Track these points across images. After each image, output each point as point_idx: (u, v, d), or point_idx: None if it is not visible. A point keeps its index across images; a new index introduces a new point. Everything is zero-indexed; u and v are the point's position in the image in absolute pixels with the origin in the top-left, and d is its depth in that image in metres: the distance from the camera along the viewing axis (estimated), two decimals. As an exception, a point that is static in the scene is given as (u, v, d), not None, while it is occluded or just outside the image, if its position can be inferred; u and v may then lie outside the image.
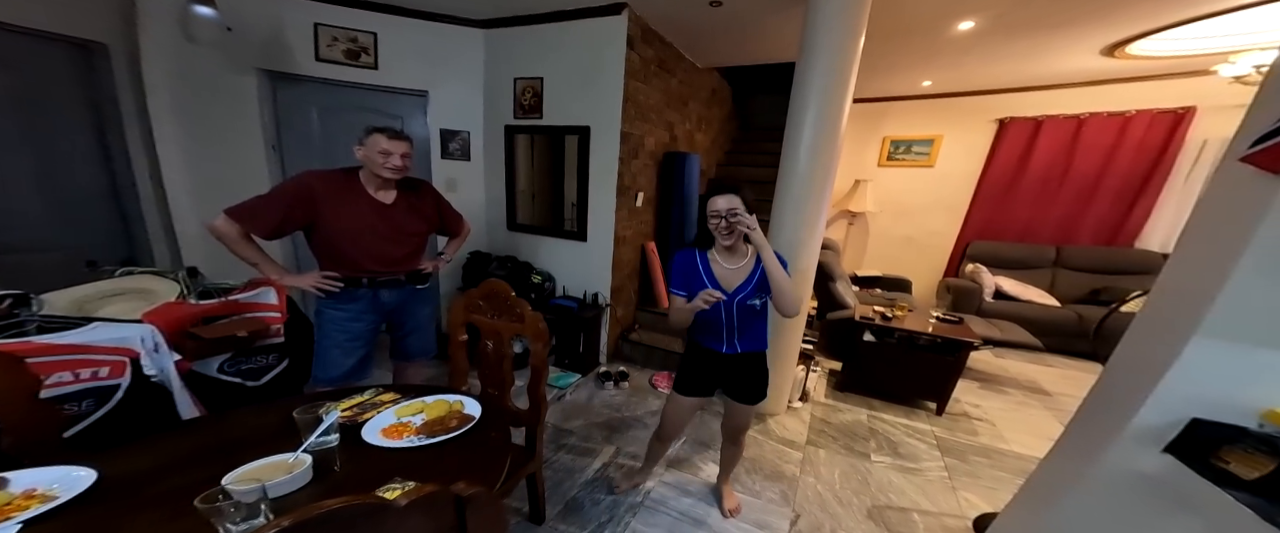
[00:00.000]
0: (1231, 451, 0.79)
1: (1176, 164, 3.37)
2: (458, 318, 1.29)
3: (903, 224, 4.40)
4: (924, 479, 1.83)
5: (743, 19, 2.44)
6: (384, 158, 1.29)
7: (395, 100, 2.60)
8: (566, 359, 2.81)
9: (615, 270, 2.82)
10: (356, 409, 1.00)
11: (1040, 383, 2.84)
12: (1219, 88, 2.87)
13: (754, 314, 1.26)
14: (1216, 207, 0.90)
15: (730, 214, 1.15)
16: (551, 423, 2.18)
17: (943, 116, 4.06)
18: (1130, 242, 3.56)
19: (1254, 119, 0.85)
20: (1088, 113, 3.53)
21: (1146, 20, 2.28)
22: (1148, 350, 0.95)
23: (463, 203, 2.89)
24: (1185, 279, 0.92)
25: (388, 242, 1.40)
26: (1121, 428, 0.93)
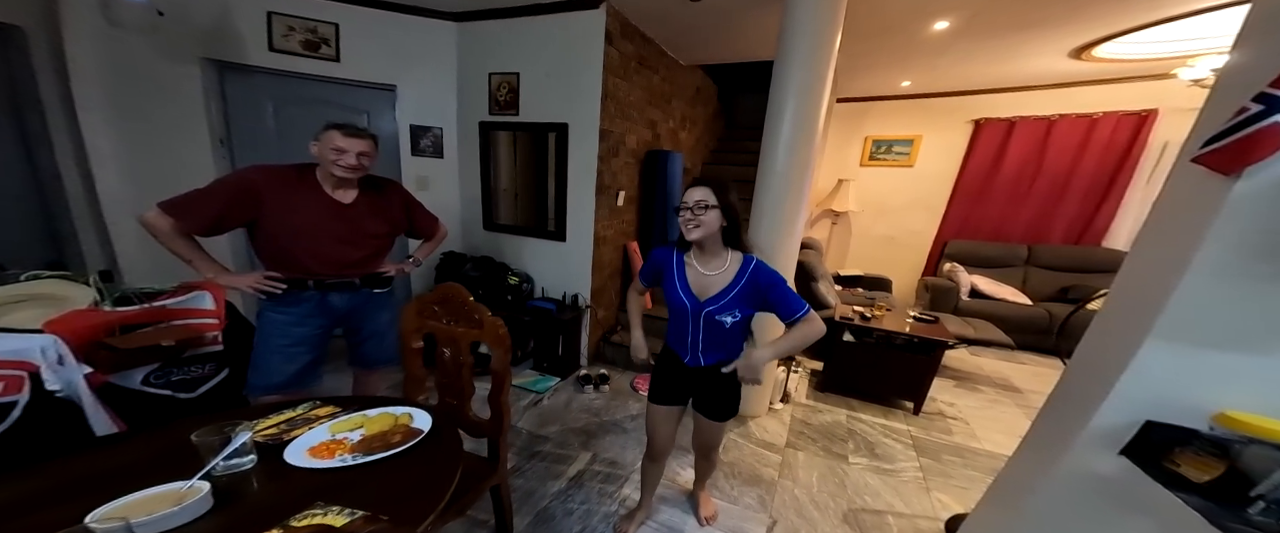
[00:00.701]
0: (1183, 453, 0.79)
1: (1140, 165, 3.48)
2: (411, 325, 1.22)
3: (884, 223, 4.46)
4: (899, 481, 1.84)
5: (723, 15, 2.41)
6: (337, 155, 1.21)
7: (360, 94, 2.48)
8: (545, 363, 2.75)
9: (596, 271, 2.76)
10: (285, 426, 0.91)
11: (1012, 380, 2.91)
12: (1179, 91, 2.97)
13: (723, 330, 1.12)
14: (1170, 208, 0.91)
15: (697, 206, 1.04)
16: (526, 429, 2.12)
17: (921, 117, 4.12)
18: (1098, 241, 3.68)
19: (1206, 121, 0.85)
20: (1057, 114, 3.63)
21: (1111, 23, 2.34)
22: (1105, 352, 0.96)
23: (436, 202, 2.80)
24: (1140, 281, 0.92)
25: (342, 243, 1.32)
26: (1080, 430, 0.93)
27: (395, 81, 2.53)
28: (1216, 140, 0.73)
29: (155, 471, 0.75)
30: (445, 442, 0.94)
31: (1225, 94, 0.83)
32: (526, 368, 2.79)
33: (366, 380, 1.62)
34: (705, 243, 1.10)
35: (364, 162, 1.27)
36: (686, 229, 1.07)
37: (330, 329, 1.42)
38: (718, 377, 1.18)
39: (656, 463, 1.43)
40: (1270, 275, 0.71)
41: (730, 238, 1.10)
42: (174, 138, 2.10)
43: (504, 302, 2.71)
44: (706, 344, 1.16)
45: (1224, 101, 0.81)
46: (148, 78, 1.98)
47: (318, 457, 0.82)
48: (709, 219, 1.05)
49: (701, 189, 1.06)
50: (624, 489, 1.72)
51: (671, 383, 1.28)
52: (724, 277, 1.10)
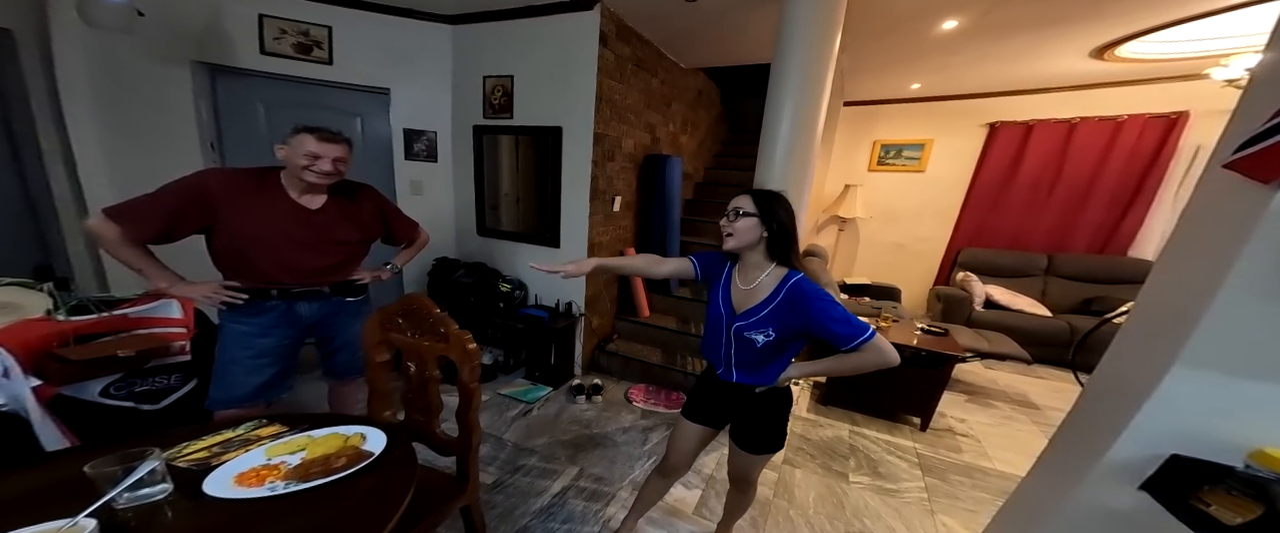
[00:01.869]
0: (1213, 492, 0.69)
1: (1170, 171, 3.30)
2: (373, 338, 1.16)
3: (893, 230, 4.32)
4: (902, 502, 1.73)
5: (720, 16, 2.35)
6: (311, 160, 1.17)
7: (353, 97, 2.48)
8: (537, 372, 2.69)
9: (590, 278, 2.70)
10: (219, 448, 0.86)
11: (1029, 396, 2.74)
12: (1212, 92, 2.79)
13: (755, 350, 1.02)
14: (1201, 219, 0.82)
15: (733, 213, 0.99)
16: (512, 441, 2.05)
17: (933, 120, 3.99)
18: (1123, 250, 3.48)
19: (1239, 123, 0.77)
20: (1078, 117, 3.47)
21: (1135, 21, 2.21)
22: (1127, 376, 0.86)
23: (430, 207, 2.81)
24: (1167, 298, 0.83)
25: (309, 251, 1.27)
26: (1097, 459, 0.84)
27: (389, 85, 2.53)
28: (1252, 144, 0.65)
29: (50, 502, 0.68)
30: (397, 466, 0.87)
31: (1260, 94, 0.75)
32: (518, 377, 2.73)
33: (342, 392, 1.57)
34: (743, 254, 1.03)
35: (340, 168, 1.23)
36: (724, 237, 1.02)
37: (299, 340, 1.37)
38: (756, 400, 1.09)
39: (665, 480, 1.31)
40: None
41: (775, 251, 1.00)
42: (164, 142, 2.10)
43: (495, 309, 2.66)
44: (740, 362, 1.07)
45: (1259, 102, 0.73)
46: (137, 81, 1.99)
47: (245, 485, 0.76)
48: (743, 227, 0.98)
49: (742, 196, 1.01)
50: (609, 508, 1.63)
51: (708, 400, 1.18)
52: (760, 291, 1.02)
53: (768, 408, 1.09)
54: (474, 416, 1.14)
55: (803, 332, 0.98)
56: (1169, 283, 0.85)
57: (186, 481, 0.76)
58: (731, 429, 1.17)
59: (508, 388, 2.55)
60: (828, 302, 0.94)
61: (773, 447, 1.12)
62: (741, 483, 1.25)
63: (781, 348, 1.02)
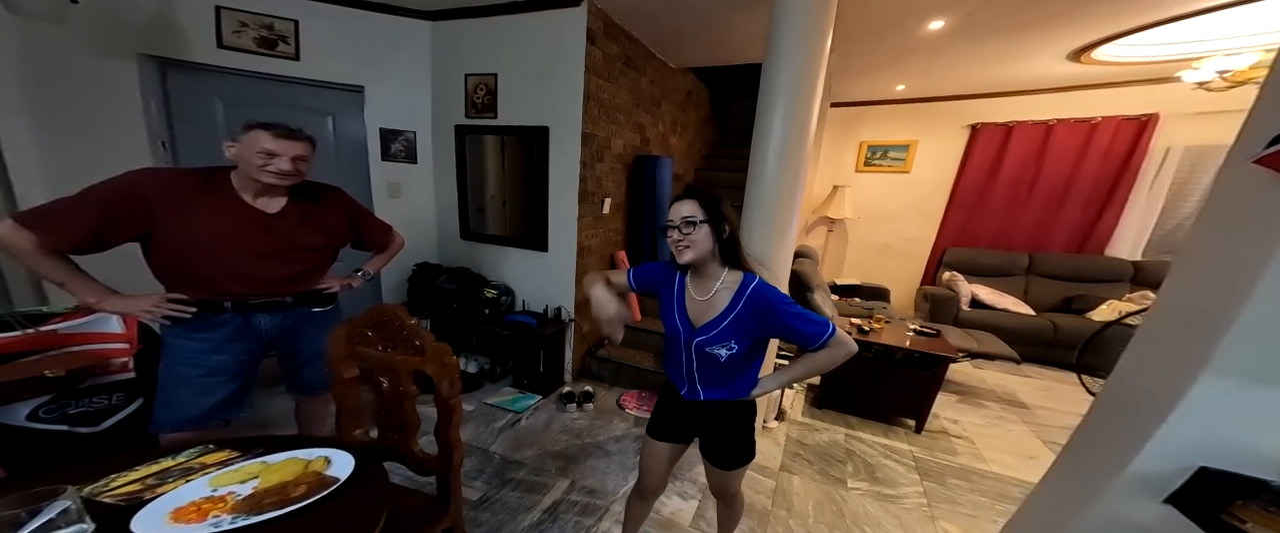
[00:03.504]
0: (1248, 507, 0.66)
1: (1142, 171, 3.39)
2: (339, 352, 1.07)
3: (880, 231, 4.36)
4: (901, 508, 1.70)
5: (709, 14, 2.31)
6: (266, 160, 1.06)
7: (324, 95, 2.35)
8: (525, 380, 2.60)
9: (580, 282, 2.62)
10: (155, 480, 0.75)
11: (1018, 395, 2.78)
12: (1181, 94, 2.90)
13: (720, 364, 0.96)
14: (1224, 218, 0.78)
15: (685, 223, 0.89)
16: (500, 453, 1.96)
17: (917, 122, 4.04)
18: (1100, 249, 3.57)
19: (1261, 115, 0.73)
20: (1056, 119, 3.55)
21: (1113, 23, 2.25)
22: (1148, 384, 0.83)
23: (409, 210, 2.68)
24: (1190, 303, 0.79)
25: (267, 259, 1.17)
26: (1118, 472, 0.80)
27: (363, 82, 2.40)
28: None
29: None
30: (367, 491, 0.79)
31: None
32: (505, 385, 2.64)
33: (311, 407, 1.46)
34: (698, 265, 0.95)
35: (300, 167, 1.13)
36: (676, 251, 0.92)
37: (258, 355, 1.27)
38: (723, 415, 1.03)
39: (644, 502, 1.25)
40: None
41: (727, 256, 0.94)
42: (107, 141, 1.92)
43: (481, 315, 2.57)
44: (704, 378, 1.00)
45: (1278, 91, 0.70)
46: (75, 75, 1.82)
47: (183, 521, 0.66)
48: (700, 237, 0.90)
49: (688, 203, 0.91)
50: (603, 523, 1.56)
51: (671, 417, 1.12)
52: (718, 302, 0.95)
53: (733, 421, 1.04)
54: (455, 433, 1.06)
55: (767, 338, 0.94)
56: (1191, 286, 0.81)
57: (112, 519, 0.66)
58: (701, 445, 1.12)
59: (494, 397, 2.45)
60: (790, 302, 0.91)
61: (744, 459, 1.08)
62: (724, 497, 1.20)
63: (748, 359, 0.97)
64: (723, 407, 1.03)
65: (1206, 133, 3.13)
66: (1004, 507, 1.71)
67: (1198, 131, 3.16)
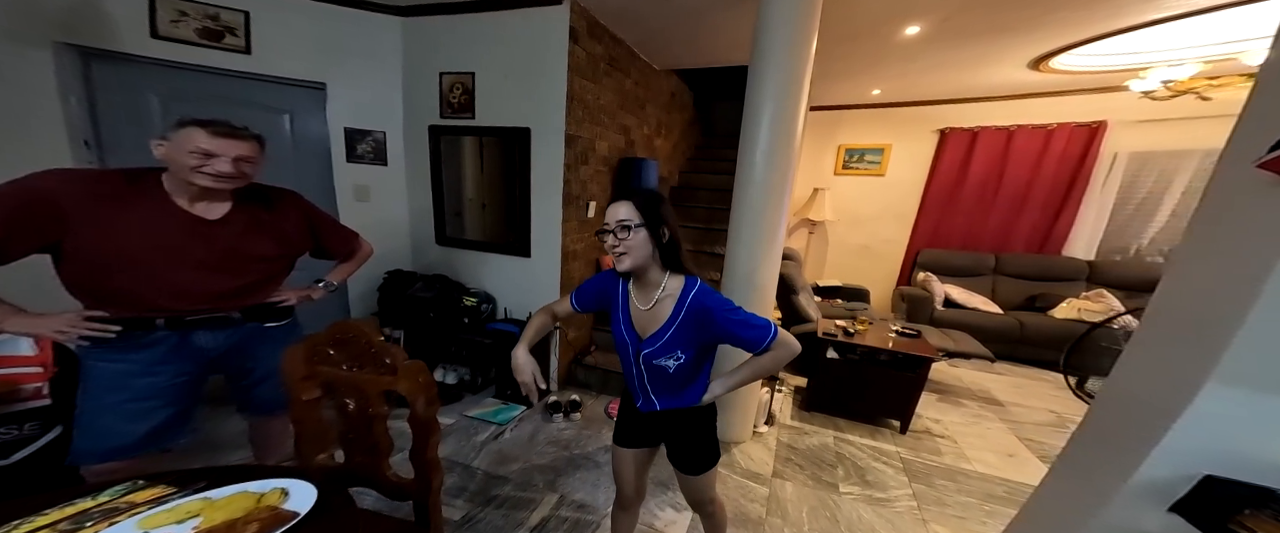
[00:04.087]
0: (1258, 517, 0.66)
1: (1093, 175, 3.61)
2: (296, 372, 0.97)
3: (859, 233, 4.46)
4: (893, 511, 1.72)
5: (695, 15, 2.29)
6: (202, 160, 0.94)
7: (279, 92, 2.17)
8: (508, 390, 2.50)
9: (565, 289, 2.55)
10: (68, 524, 0.64)
11: (992, 393, 2.88)
12: (1128, 103, 3.09)
13: (669, 375, 0.93)
14: (1222, 222, 0.78)
15: (619, 227, 0.85)
16: (482, 469, 1.87)
17: (891, 126, 4.17)
18: (1058, 249, 3.78)
19: (1254, 117, 0.74)
20: (1016, 125, 3.73)
21: (1071, 33, 2.37)
22: (1150, 392, 0.83)
23: (378, 214, 2.52)
24: (1189, 309, 0.80)
25: (208, 270, 1.05)
26: (1123, 480, 0.80)
27: (324, 79, 2.24)
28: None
29: None
30: (332, 526, 0.70)
31: (1272, 91, 0.72)
32: (487, 396, 2.53)
33: (267, 429, 1.33)
34: (639, 272, 0.90)
35: (244, 169, 1.01)
36: (614, 258, 0.88)
37: (200, 375, 1.14)
38: (682, 422, 1.01)
39: (627, 512, 1.22)
40: None
41: (668, 260, 0.90)
42: (17, 139, 1.68)
43: (460, 324, 2.45)
44: (657, 388, 0.98)
45: (1271, 98, 0.71)
46: None
47: None
48: (636, 242, 0.85)
49: (624, 205, 0.86)
50: (592, 540, 1.50)
51: (633, 423, 1.09)
52: (661, 311, 0.91)
53: (694, 425, 1.03)
54: (433, 454, 0.97)
55: (713, 344, 0.92)
56: (1189, 291, 0.81)
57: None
58: (668, 452, 1.10)
59: (476, 409, 2.34)
60: (731, 308, 0.88)
61: (709, 462, 1.06)
62: (701, 506, 1.17)
63: (698, 367, 0.95)
64: (681, 414, 1.01)
65: (1150, 139, 3.37)
66: (990, 507, 1.75)
67: (1142, 138, 3.39)
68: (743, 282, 1.93)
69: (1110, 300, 3.26)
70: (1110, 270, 3.50)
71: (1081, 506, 0.89)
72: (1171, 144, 3.32)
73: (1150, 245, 3.55)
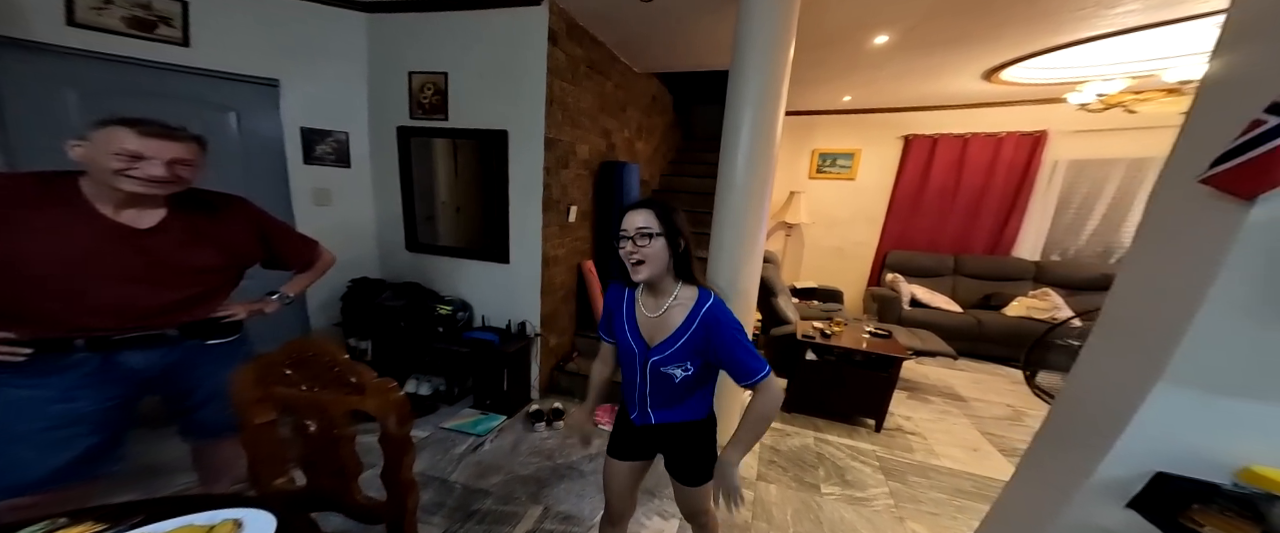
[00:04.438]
0: (1205, 512, 0.72)
1: (1037, 181, 3.90)
2: (248, 394, 0.89)
3: (832, 235, 4.62)
4: (872, 510, 1.78)
5: (675, 19, 2.29)
6: (128, 163, 0.84)
7: (224, 88, 1.99)
8: (487, 400, 2.42)
9: (546, 295, 2.49)
10: None
11: (955, 388, 3.05)
12: (1066, 114, 3.35)
13: (674, 385, 0.93)
14: (1168, 231, 0.83)
15: (639, 235, 0.85)
16: (460, 483, 1.80)
17: (860, 132, 4.34)
18: (1008, 251, 4.05)
19: (1194, 132, 0.80)
20: (971, 133, 3.98)
21: (1020, 46, 2.54)
22: (1106, 393, 0.88)
23: (341, 219, 2.37)
24: (1141, 314, 0.85)
25: (138, 283, 0.94)
26: (1084, 478, 0.85)
27: (277, 76, 2.08)
28: (1229, 159, 0.65)
29: None
30: None
31: (1210, 106, 0.78)
32: (465, 407, 2.44)
33: (214, 453, 1.21)
34: (653, 280, 0.90)
35: (180, 172, 0.91)
36: (630, 267, 0.87)
37: (131, 399, 1.02)
38: (682, 433, 1.00)
39: (615, 529, 1.20)
40: None
41: (681, 270, 0.91)
42: None
43: (434, 334, 2.34)
44: (656, 400, 0.97)
45: (1210, 113, 0.77)
46: None
47: None
48: (655, 250, 0.86)
49: (643, 213, 0.86)
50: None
51: (630, 434, 1.07)
52: (672, 319, 0.91)
53: (696, 436, 1.01)
54: (408, 475, 0.91)
55: (712, 360, 0.92)
56: (1139, 296, 0.86)
57: None
58: (666, 463, 1.08)
59: (452, 421, 2.26)
60: (740, 330, 0.89)
61: (709, 474, 1.03)
62: (696, 517, 1.15)
63: (701, 382, 0.96)
64: (681, 426, 0.99)
65: (1085, 148, 3.67)
66: (960, 502, 1.85)
67: (1079, 147, 3.69)
68: (725, 286, 1.93)
69: (1054, 298, 3.54)
70: (1053, 270, 3.79)
71: (1047, 504, 0.94)
72: (1103, 153, 3.64)
73: (1086, 246, 3.88)
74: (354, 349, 2.43)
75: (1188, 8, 1.89)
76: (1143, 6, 1.91)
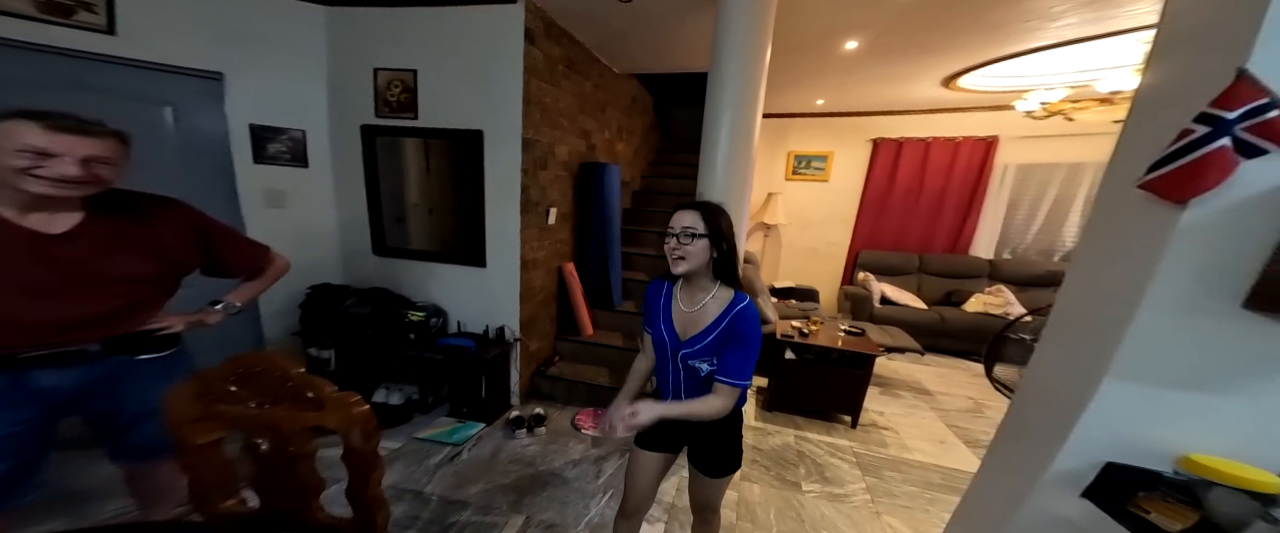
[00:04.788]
0: (1150, 498, 0.78)
1: (990, 184, 4.16)
2: (187, 413, 0.81)
3: (807, 235, 4.74)
4: (851, 506, 1.83)
5: (654, 20, 2.28)
6: (35, 162, 0.76)
7: (159, 80, 1.80)
8: (464, 408, 2.34)
9: (525, 299, 2.42)
10: None
11: (923, 383, 3.20)
12: (1014, 121, 3.57)
13: (700, 378, 0.98)
14: (1110, 234, 0.88)
15: (684, 234, 0.91)
16: (436, 495, 1.74)
17: (833, 134, 4.47)
18: (966, 249, 4.30)
19: (1129, 139, 0.85)
20: (931, 137, 4.18)
21: (976, 55, 2.68)
22: (1059, 388, 0.93)
23: (299, 222, 2.23)
24: (1087, 312, 0.90)
25: (47, 296, 0.85)
26: (1043, 470, 0.90)
27: (221, 68, 1.92)
28: (1162, 165, 0.69)
29: None
30: None
31: (1144, 114, 0.83)
32: (440, 415, 2.35)
33: (150, 477, 1.10)
34: (691, 276, 0.96)
35: (99, 171, 0.83)
36: (671, 260, 0.94)
37: (46, 422, 0.93)
38: (712, 423, 1.02)
39: (630, 521, 1.21)
40: (1222, 312, 0.70)
41: (721, 271, 0.96)
42: None
43: (405, 341, 2.24)
44: (690, 391, 1.01)
45: (1147, 121, 0.82)
46: None
47: None
48: (696, 250, 0.91)
49: (689, 213, 0.92)
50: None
51: (660, 425, 1.06)
52: (705, 315, 0.96)
53: (724, 428, 1.05)
54: (376, 492, 0.86)
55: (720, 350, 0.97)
56: (1085, 295, 0.91)
57: None
58: (690, 453, 1.11)
59: (427, 430, 2.17)
60: (755, 339, 0.94)
61: (733, 466, 1.09)
62: (705, 512, 1.18)
63: None
64: None
65: (1032, 153, 3.94)
66: (931, 495, 1.93)
67: (1026, 152, 3.96)
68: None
69: (1007, 294, 3.79)
70: (1005, 268, 4.06)
71: (1011, 495, 0.99)
72: (1046, 158, 3.92)
73: (1032, 245, 4.17)
74: (315, 359, 2.28)
75: (1116, 24, 2.10)
76: (1079, 20, 2.08)
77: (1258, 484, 0.67)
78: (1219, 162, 0.63)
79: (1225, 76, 0.63)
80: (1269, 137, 0.60)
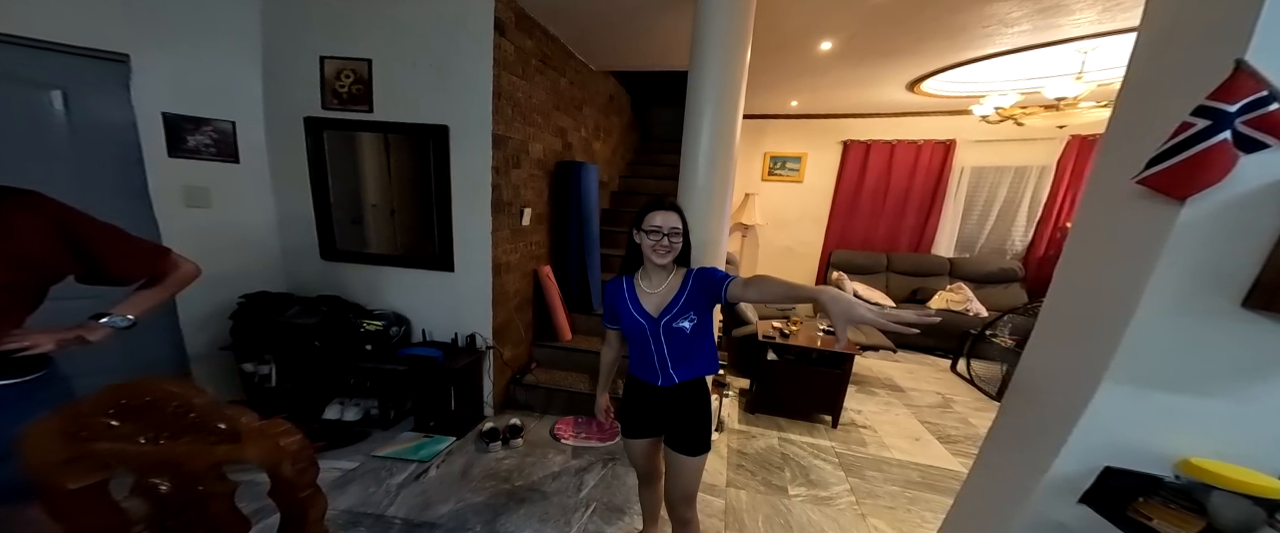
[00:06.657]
0: (1150, 503, 0.76)
1: (949, 185, 4.36)
2: (51, 454, 0.65)
3: (783, 235, 4.80)
4: (836, 509, 1.82)
5: (631, 15, 2.20)
6: None
7: (44, 60, 1.56)
8: (432, 422, 2.17)
9: (498, 304, 2.28)
10: None
11: (895, 380, 3.28)
12: (969, 125, 3.77)
13: (686, 337, 1.10)
14: (1102, 233, 0.85)
15: (672, 233, 1.07)
16: (400, 517, 1.60)
17: (806, 136, 4.55)
18: (928, 249, 4.48)
19: (1117, 132, 0.83)
20: (896, 140, 4.33)
21: (938, 60, 2.78)
22: (1055, 392, 0.90)
23: (227, 223, 2.00)
24: (1081, 313, 0.88)
25: None
26: (1041, 475, 0.86)
27: (127, 50, 1.69)
28: (1162, 160, 0.66)
29: None
30: None
31: (1128, 111, 0.82)
32: (404, 430, 2.17)
33: (23, 524, 0.90)
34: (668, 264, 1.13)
35: None
36: (656, 254, 1.07)
37: None
38: (689, 398, 1.15)
39: (651, 487, 1.39)
40: (1221, 312, 0.68)
41: (682, 258, 1.13)
42: None
43: (360, 352, 2.05)
44: (675, 359, 1.13)
45: (1135, 114, 0.81)
46: None
47: None
48: (679, 245, 1.09)
49: (673, 216, 1.08)
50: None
51: (642, 413, 1.22)
52: (670, 288, 1.12)
53: (699, 401, 1.17)
54: (316, 529, 0.73)
55: (712, 305, 1.12)
56: (1078, 296, 0.88)
57: None
58: (668, 439, 1.20)
59: (388, 447, 2.00)
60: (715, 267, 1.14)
61: (705, 443, 1.18)
62: (684, 506, 1.22)
63: (704, 329, 1.13)
64: (691, 387, 1.15)
65: (984, 156, 4.17)
66: (912, 493, 1.95)
67: (980, 155, 4.18)
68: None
69: (966, 291, 3.97)
70: (963, 266, 4.26)
71: (1004, 502, 0.96)
72: (997, 161, 4.16)
73: (986, 243, 4.41)
74: (251, 375, 2.05)
75: (1062, 33, 2.25)
76: (1032, 27, 2.21)
77: (1261, 489, 0.66)
78: (1221, 156, 0.61)
79: (1220, 65, 0.61)
80: (1269, 130, 0.59)
